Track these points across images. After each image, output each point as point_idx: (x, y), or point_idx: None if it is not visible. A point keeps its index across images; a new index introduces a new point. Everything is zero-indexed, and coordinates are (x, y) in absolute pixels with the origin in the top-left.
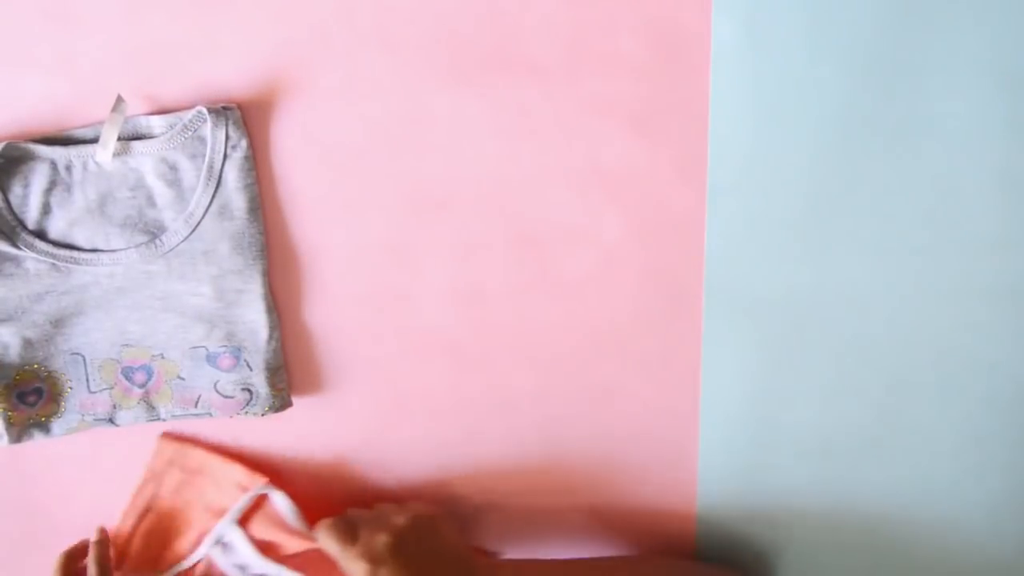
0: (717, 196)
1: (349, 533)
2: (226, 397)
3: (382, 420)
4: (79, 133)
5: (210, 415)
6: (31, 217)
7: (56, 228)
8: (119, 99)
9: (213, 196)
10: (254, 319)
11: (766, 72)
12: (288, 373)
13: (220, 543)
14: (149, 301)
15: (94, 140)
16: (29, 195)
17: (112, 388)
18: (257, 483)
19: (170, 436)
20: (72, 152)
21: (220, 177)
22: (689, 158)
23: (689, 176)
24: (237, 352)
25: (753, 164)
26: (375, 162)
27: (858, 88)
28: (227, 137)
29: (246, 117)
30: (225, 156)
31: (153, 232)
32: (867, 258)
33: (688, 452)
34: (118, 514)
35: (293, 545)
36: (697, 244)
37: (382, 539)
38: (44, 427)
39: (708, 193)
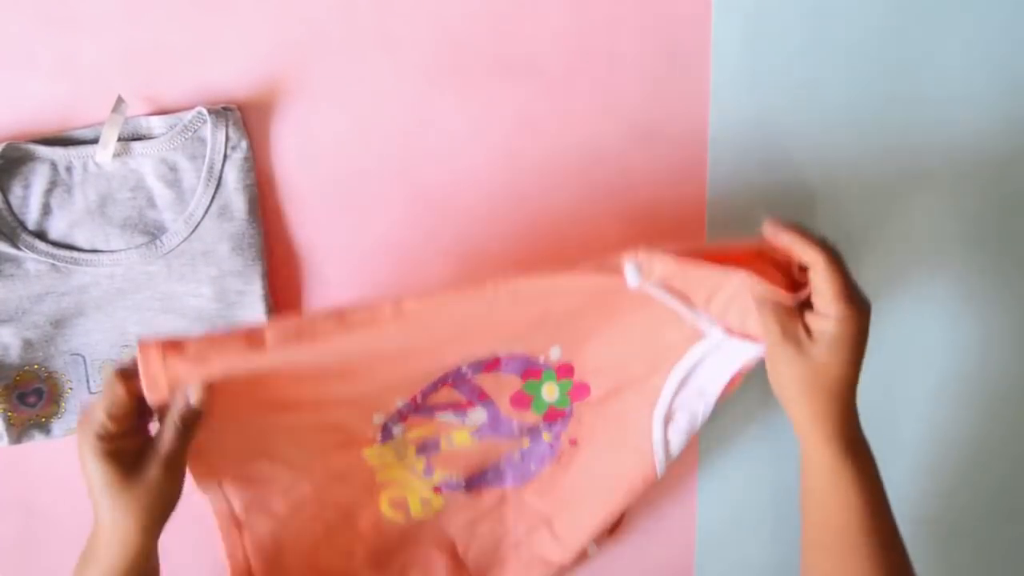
0: (717, 197)
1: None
2: None
3: None
4: (79, 134)
5: None
6: (31, 218)
7: (56, 229)
8: (119, 100)
9: (213, 197)
10: (254, 320)
11: (766, 72)
12: None
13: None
14: (149, 302)
15: (94, 141)
16: (29, 196)
17: None
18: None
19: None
20: (72, 153)
21: (220, 178)
22: (689, 158)
23: (689, 176)
24: None
25: (753, 165)
26: (375, 162)
27: (858, 88)
28: (227, 138)
29: (246, 118)
30: (225, 157)
31: (153, 233)
32: (866, 258)
33: (690, 453)
34: None
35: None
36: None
37: None
38: (44, 428)
39: (708, 193)
